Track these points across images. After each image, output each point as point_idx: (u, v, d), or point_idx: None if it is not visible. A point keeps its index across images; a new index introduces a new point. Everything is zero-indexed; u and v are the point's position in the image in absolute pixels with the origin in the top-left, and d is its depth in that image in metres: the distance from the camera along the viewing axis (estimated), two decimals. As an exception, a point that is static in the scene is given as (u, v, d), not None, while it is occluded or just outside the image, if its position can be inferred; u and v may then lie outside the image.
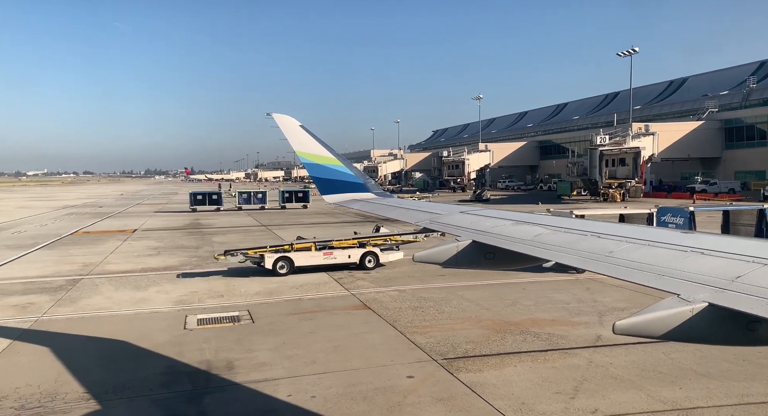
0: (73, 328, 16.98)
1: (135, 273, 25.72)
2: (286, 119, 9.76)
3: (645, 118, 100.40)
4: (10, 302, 20.26)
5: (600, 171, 70.05)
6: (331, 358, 13.81)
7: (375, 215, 8.87)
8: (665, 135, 79.35)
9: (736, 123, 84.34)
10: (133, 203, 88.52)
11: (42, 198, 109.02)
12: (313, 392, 11.70)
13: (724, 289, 3.46)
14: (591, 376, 12.08)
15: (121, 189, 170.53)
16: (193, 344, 15.16)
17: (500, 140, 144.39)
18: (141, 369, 13.26)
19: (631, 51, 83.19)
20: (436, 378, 12.36)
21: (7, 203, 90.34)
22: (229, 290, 21.91)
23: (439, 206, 8.62)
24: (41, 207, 78.37)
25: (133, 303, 19.91)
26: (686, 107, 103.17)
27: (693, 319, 3.33)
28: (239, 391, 11.90)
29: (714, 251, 4.08)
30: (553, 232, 5.61)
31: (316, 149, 9.76)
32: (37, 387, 12.23)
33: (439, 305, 18.71)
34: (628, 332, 3.46)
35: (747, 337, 3.39)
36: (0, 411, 11.04)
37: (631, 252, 4.51)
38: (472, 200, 77.60)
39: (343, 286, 22.21)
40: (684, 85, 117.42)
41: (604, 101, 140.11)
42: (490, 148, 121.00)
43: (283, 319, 17.62)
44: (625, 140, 71.91)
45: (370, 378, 12.38)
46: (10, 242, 37.73)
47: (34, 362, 13.97)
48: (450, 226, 6.95)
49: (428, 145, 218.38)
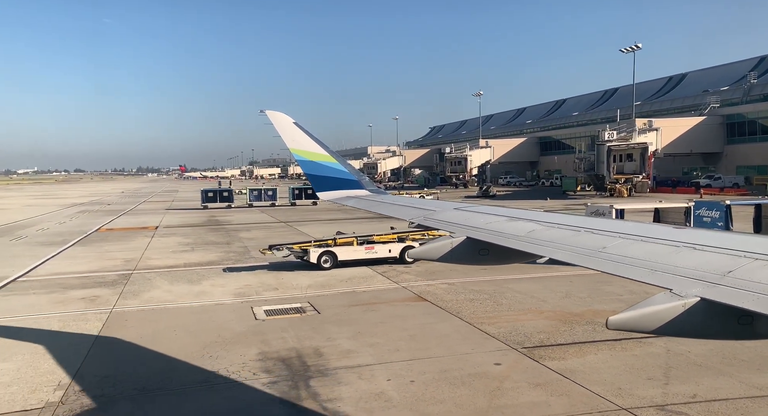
0: (150, 319, 17.61)
1: (180, 268, 26.26)
2: (280, 116, 9.74)
3: (645, 113, 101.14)
4: (76, 295, 20.85)
5: (608, 166, 70.86)
6: (412, 346, 14.41)
7: (370, 212, 9.00)
8: (668, 130, 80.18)
9: (738, 118, 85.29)
10: (139, 200, 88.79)
11: (44, 196, 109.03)
12: (409, 377, 12.32)
13: (716, 284, 3.50)
14: (675, 364, 12.67)
15: (119, 187, 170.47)
16: (272, 333, 15.77)
17: (499, 137, 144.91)
18: (235, 356, 13.86)
19: (634, 47, 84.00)
20: (523, 365, 12.98)
21: (11, 201, 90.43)
22: (281, 283, 22.48)
23: (434, 203, 8.89)
24: (48, 205, 78.57)
25: (194, 296, 20.48)
26: (687, 102, 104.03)
27: (685, 314, 3.37)
28: (340, 375, 12.50)
29: (706, 247, 4.13)
30: (547, 228, 5.62)
31: (310, 146, 9.78)
32: (147, 369, 13.00)
33: (494, 297, 19.32)
34: (621, 327, 3.49)
35: (739, 331, 3.42)
36: (124, 391, 11.72)
37: (624, 248, 4.55)
38: (479, 196, 78.43)
39: (390, 279, 22.81)
40: (683, 81, 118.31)
41: (603, 97, 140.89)
42: (491, 144, 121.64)
43: (347, 310, 18.21)
44: (632, 135, 72.73)
45: (459, 365, 12.99)
46: (40, 239, 38.17)
47: (128, 350, 14.60)
48: (444, 222, 6.98)
49: (425, 142, 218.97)
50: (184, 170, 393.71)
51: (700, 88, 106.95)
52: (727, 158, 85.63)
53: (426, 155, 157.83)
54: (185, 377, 12.57)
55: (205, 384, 12.20)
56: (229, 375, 12.65)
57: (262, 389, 11.86)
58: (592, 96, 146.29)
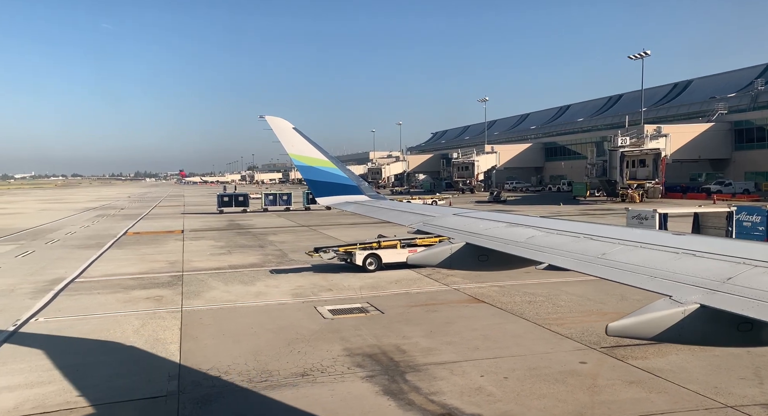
0: (223, 317, 18.13)
1: (226, 270, 26.69)
2: (279, 122, 9.77)
3: (652, 119, 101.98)
4: (140, 295, 21.40)
5: (621, 172, 71.44)
6: (489, 345, 14.85)
7: (368, 217, 9.04)
8: (676, 137, 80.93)
9: (746, 125, 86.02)
10: (150, 205, 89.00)
11: (54, 201, 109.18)
12: (501, 373, 12.77)
13: (716, 291, 3.48)
14: (763, 364, 12.97)
15: (123, 191, 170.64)
16: (347, 331, 16.23)
17: (503, 142, 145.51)
18: (322, 352, 14.36)
19: (642, 54, 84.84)
20: (609, 364, 13.38)
21: (23, 206, 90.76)
22: (332, 284, 22.91)
23: (434, 209, 9.10)
24: (62, 209, 78.86)
25: (253, 296, 20.94)
26: (693, 109, 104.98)
27: (685, 320, 3.36)
28: (432, 371, 12.96)
29: (706, 253, 4.12)
30: (546, 234, 5.61)
31: (310, 152, 9.81)
32: (245, 364, 13.50)
33: (550, 299, 19.76)
34: (620, 333, 3.50)
35: (739, 338, 3.41)
36: (234, 383, 12.26)
37: (623, 254, 4.55)
38: (491, 201, 78.97)
39: (438, 281, 23.24)
40: (688, 87, 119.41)
41: (607, 103, 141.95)
42: (496, 149, 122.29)
43: (410, 310, 18.65)
44: (644, 141, 73.34)
45: (544, 363, 13.41)
46: (74, 242, 38.62)
47: (217, 345, 15.09)
48: (443, 228, 6.98)
49: (428, 147, 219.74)
50: (184, 174, 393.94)
51: (705, 94, 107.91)
52: (735, 164, 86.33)
53: (429, 160, 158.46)
54: (285, 371, 13.05)
55: (307, 377, 12.68)
56: (325, 369, 13.13)
57: (363, 383, 12.31)
58: (596, 102, 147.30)
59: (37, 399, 11.69)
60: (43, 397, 11.79)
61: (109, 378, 12.83)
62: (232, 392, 11.92)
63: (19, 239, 41.81)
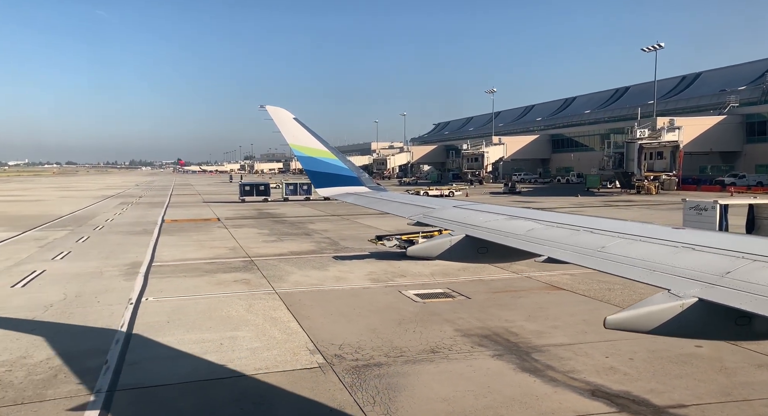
0: (319, 299, 18.76)
1: (288, 256, 27.27)
2: (280, 112, 9.77)
3: (661, 112, 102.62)
4: (226, 278, 22.06)
5: (639, 164, 72.19)
6: (596, 329, 15.27)
7: (369, 209, 9.14)
8: (687, 129, 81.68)
9: (758, 118, 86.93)
10: (165, 194, 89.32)
11: (66, 188, 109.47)
12: (625, 355, 13.20)
13: (714, 284, 3.51)
14: None
15: (126, 180, 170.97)
16: (446, 314, 16.84)
17: (508, 134, 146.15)
18: (435, 332, 14.97)
19: (656, 46, 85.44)
20: (726, 348, 13.50)
21: (40, 193, 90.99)
22: (403, 271, 23.47)
23: (434, 201, 9.17)
24: (80, 197, 79.50)
25: (334, 281, 21.59)
26: (703, 101, 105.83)
27: (683, 314, 3.40)
28: (554, 351, 13.55)
29: (705, 247, 4.16)
30: (546, 227, 5.65)
31: (310, 142, 9.82)
32: (371, 341, 14.20)
33: (629, 287, 20.19)
34: (619, 327, 3.56)
35: (736, 332, 3.45)
36: (373, 358, 12.84)
37: (623, 248, 4.60)
38: (506, 193, 79.68)
39: (503, 269, 23.73)
40: (697, 80, 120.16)
41: (614, 96, 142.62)
42: (504, 141, 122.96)
43: (496, 296, 19.23)
44: (660, 133, 74.05)
45: (661, 346, 13.61)
46: (121, 229, 39.26)
47: (333, 324, 15.82)
48: (443, 220, 7.03)
49: (430, 138, 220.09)
50: (183, 163, 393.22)
51: (714, 87, 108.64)
52: (746, 157, 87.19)
53: (433, 151, 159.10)
54: (413, 348, 13.67)
55: (437, 353, 13.31)
56: (450, 347, 13.76)
57: (495, 360, 12.93)
58: (602, 94, 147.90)
59: (199, 367, 12.41)
60: (207, 367, 12.49)
61: (254, 350, 13.49)
62: (378, 365, 12.54)
63: (64, 225, 42.37)
